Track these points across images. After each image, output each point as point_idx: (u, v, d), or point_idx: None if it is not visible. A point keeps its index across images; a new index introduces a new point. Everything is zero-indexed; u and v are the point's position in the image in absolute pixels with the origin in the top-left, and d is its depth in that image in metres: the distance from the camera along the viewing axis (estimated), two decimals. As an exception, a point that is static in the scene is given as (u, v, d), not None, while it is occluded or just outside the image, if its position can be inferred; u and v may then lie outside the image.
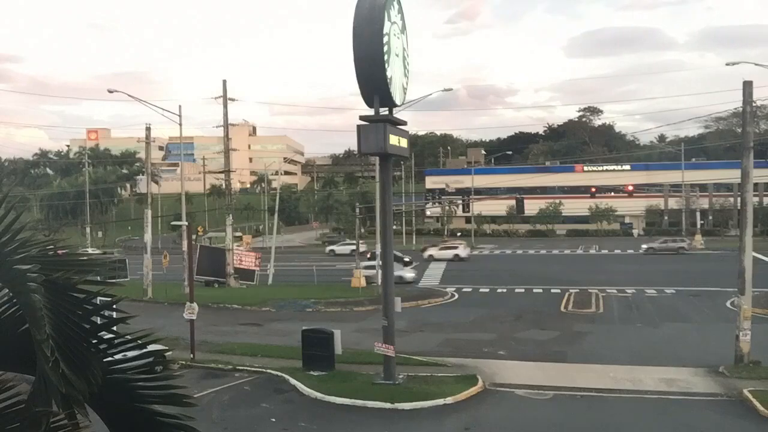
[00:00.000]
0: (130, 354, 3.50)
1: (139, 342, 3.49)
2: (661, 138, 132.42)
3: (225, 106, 48.98)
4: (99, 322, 3.41)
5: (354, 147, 63.95)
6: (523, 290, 46.88)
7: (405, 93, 23.55)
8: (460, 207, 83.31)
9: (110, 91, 44.36)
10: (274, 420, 19.44)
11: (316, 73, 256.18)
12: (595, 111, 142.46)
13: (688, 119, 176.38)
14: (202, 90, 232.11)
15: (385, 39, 21.12)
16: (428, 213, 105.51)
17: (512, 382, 22.92)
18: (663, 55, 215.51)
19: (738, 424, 19.27)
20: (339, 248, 77.72)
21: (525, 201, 57.39)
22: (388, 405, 20.30)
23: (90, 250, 53.52)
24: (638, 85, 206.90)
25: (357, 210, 59.79)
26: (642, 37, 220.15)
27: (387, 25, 21.25)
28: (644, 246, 72.48)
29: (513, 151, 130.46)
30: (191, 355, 25.63)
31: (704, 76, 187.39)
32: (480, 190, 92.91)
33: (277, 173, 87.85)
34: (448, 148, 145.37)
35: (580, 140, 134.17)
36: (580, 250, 78.16)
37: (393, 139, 22.12)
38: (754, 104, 25.84)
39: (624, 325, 34.52)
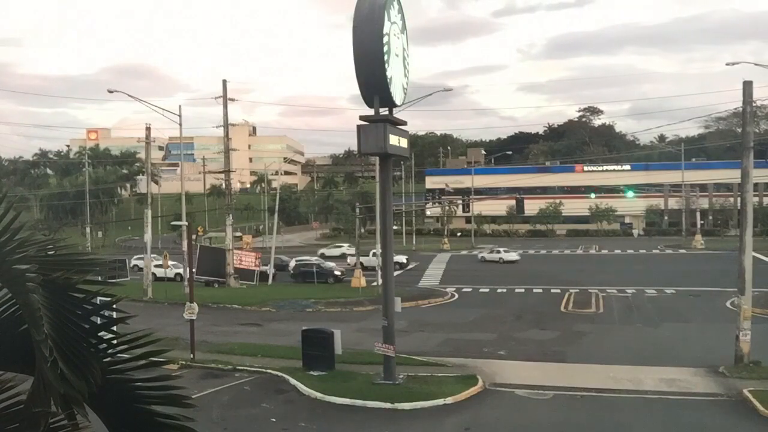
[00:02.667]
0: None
1: (139, 342, 3.48)
2: (661, 138, 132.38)
3: (225, 106, 49.03)
4: (99, 322, 3.41)
5: (354, 147, 63.90)
6: (523, 290, 46.89)
7: (405, 93, 23.56)
8: (460, 207, 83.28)
9: (110, 91, 44.38)
10: (274, 420, 19.43)
11: (316, 72, 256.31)
12: (595, 111, 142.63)
13: (689, 119, 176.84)
14: (193, 90, 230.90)
15: (385, 39, 21.12)
16: (428, 213, 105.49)
17: (512, 382, 22.92)
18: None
19: (738, 424, 19.27)
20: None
21: (525, 201, 57.37)
22: (388, 405, 20.30)
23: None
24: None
25: (357, 210, 59.77)
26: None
27: (387, 25, 21.25)
28: None
29: (513, 151, 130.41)
30: (191, 355, 25.62)
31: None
32: (480, 190, 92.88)
33: (277, 173, 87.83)
34: (448, 148, 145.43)
35: (580, 140, 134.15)
36: (580, 250, 78.15)
37: (393, 139, 22.12)
38: (754, 104, 25.82)
39: (624, 325, 34.52)
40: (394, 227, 34.45)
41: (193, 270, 30.17)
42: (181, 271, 49.25)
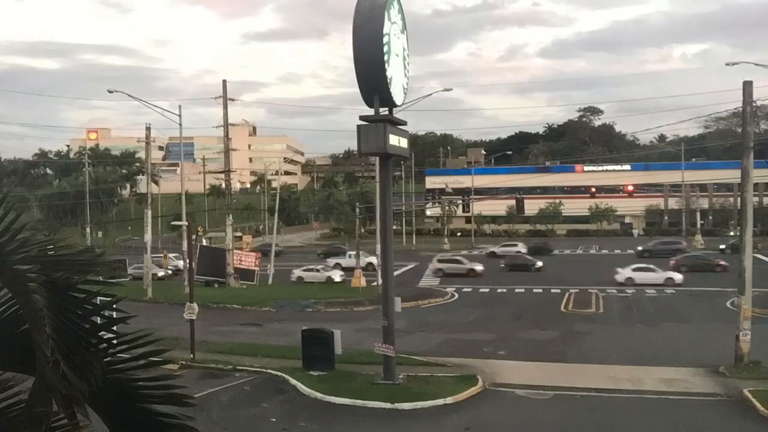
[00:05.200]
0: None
1: (139, 342, 3.49)
2: (661, 138, 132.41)
3: (225, 106, 49.07)
4: (99, 322, 3.41)
5: (354, 147, 63.82)
6: (523, 290, 46.88)
7: (405, 93, 23.57)
8: (460, 207, 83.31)
9: (110, 91, 44.42)
10: (274, 420, 19.45)
11: (317, 72, 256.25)
12: (595, 111, 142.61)
13: (689, 119, 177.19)
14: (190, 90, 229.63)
15: (385, 39, 21.13)
16: (428, 213, 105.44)
17: (512, 382, 22.93)
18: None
19: (738, 424, 19.28)
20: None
21: (525, 201, 57.34)
22: (388, 405, 20.31)
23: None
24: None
25: (357, 210, 59.73)
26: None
27: (387, 25, 21.26)
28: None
29: (513, 151, 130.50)
30: (191, 355, 25.63)
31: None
32: (480, 190, 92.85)
33: (277, 173, 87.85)
34: (448, 148, 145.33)
35: (580, 140, 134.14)
36: (580, 250, 78.13)
37: (393, 139, 22.13)
38: (754, 104, 25.84)
39: (624, 325, 34.52)
40: (394, 227, 34.45)
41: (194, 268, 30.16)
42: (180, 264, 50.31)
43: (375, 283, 44.35)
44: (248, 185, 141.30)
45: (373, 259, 58.66)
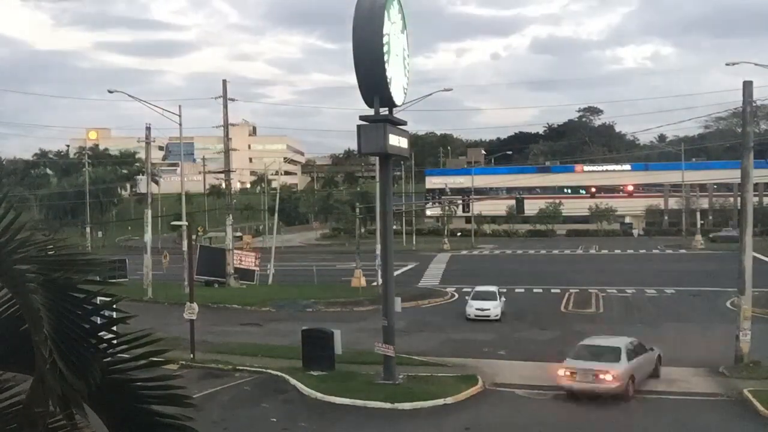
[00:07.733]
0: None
1: (139, 342, 3.48)
2: (661, 138, 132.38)
3: (225, 106, 49.02)
4: (99, 322, 3.41)
5: (354, 147, 63.83)
6: (523, 290, 46.84)
7: (405, 93, 23.57)
8: (460, 207, 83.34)
9: (110, 91, 44.44)
10: (274, 420, 19.45)
11: (316, 71, 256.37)
12: (595, 111, 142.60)
13: (689, 119, 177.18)
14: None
15: (385, 39, 21.13)
16: (428, 213, 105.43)
17: (512, 382, 22.92)
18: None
19: (738, 424, 19.28)
20: None
21: (525, 201, 57.43)
22: (388, 405, 20.31)
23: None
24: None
25: (357, 210, 59.72)
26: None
27: (387, 24, 21.26)
28: None
29: (513, 151, 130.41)
30: (191, 355, 25.61)
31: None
32: (480, 190, 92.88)
33: (277, 173, 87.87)
34: (448, 148, 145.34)
35: (580, 140, 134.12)
36: (580, 250, 78.13)
37: (393, 139, 22.13)
38: (754, 104, 25.84)
39: (624, 325, 34.45)
40: (394, 227, 34.46)
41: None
42: None
43: (375, 283, 44.35)
44: (248, 185, 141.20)
45: None
